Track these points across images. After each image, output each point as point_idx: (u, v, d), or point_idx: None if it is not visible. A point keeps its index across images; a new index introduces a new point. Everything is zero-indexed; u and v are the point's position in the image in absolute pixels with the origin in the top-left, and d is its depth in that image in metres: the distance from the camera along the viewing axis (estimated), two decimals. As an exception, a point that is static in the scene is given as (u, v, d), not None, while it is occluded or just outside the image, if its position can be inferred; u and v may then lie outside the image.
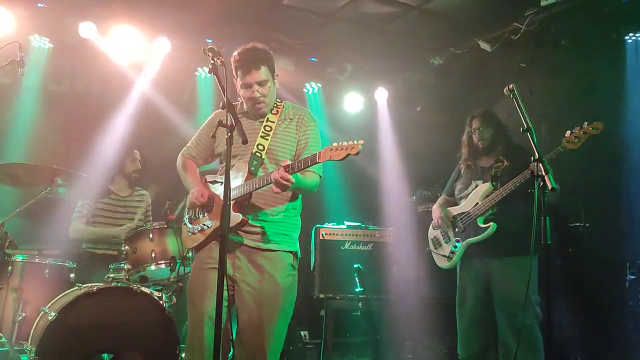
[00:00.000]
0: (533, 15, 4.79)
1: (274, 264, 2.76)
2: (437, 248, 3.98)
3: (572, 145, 3.37)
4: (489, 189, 3.68)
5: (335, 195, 6.09)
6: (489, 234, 3.63)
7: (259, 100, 2.84)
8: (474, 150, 3.90)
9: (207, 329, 2.66)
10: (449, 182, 4.13)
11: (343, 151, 2.46)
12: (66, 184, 3.77)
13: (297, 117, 2.92)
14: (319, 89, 6.30)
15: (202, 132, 3.06)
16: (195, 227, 2.86)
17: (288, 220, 2.86)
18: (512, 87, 2.96)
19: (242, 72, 2.82)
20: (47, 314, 3.30)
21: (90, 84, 5.68)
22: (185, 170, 3.04)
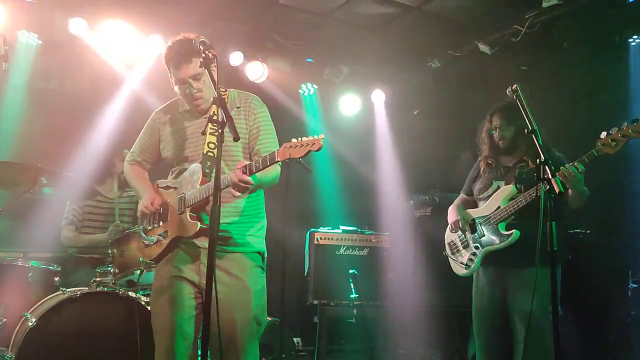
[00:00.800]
0: (534, 17, 4.73)
1: (241, 267, 2.61)
2: (455, 254, 3.65)
3: (608, 149, 3.06)
4: (513, 192, 3.39)
5: (331, 199, 6.01)
6: (511, 242, 3.34)
7: (195, 96, 2.64)
8: (495, 149, 3.59)
9: (179, 343, 2.54)
10: (467, 180, 3.82)
11: (303, 148, 2.28)
12: (51, 184, 3.66)
13: (244, 104, 2.72)
14: (315, 90, 6.22)
15: (144, 135, 2.89)
16: (151, 239, 2.70)
17: (251, 219, 2.70)
18: (515, 87, 2.86)
19: (173, 67, 2.63)
20: (28, 320, 3.19)
21: (80, 82, 5.56)
22: (134, 178, 2.86)
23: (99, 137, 5.02)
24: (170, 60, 2.64)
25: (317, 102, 6.22)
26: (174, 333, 2.54)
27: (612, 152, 3.07)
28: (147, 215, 2.70)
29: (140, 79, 5.27)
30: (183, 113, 2.77)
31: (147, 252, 2.73)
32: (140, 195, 2.77)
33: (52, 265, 3.74)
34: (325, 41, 5.72)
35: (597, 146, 3.09)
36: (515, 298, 3.33)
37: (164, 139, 2.79)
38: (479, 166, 3.71)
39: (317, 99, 6.22)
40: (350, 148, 6.08)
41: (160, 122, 2.83)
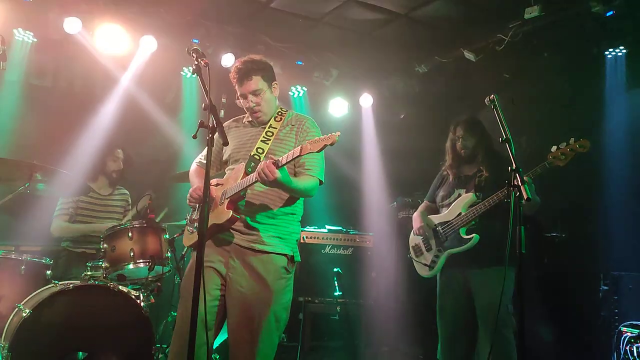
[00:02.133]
0: (517, 27, 4.87)
1: (266, 267, 2.76)
2: (419, 256, 3.89)
3: (558, 162, 3.32)
4: (472, 199, 3.63)
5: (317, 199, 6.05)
6: (471, 245, 3.58)
7: (254, 109, 2.92)
8: (457, 158, 3.83)
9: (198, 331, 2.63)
10: (431, 188, 4.06)
11: (320, 142, 2.52)
12: (45, 180, 3.73)
13: (299, 123, 2.98)
14: (305, 92, 6.32)
15: None
16: (193, 226, 2.90)
17: (283, 224, 2.86)
18: (492, 97, 2.99)
19: (237, 83, 2.92)
20: (21, 311, 3.26)
21: (74, 80, 5.62)
22: (192, 174, 3.12)
23: (92, 135, 5.10)
24: (235, 77, 2.92)
25: (306, 104, 6.32)
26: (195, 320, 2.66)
27: (562, 164, 3.32)
28: (192, 200, 2.89)
29: (133, 78, 5.35)
30: (246, 123, 3.04)
31: (189, 238, 2.92)
32: None
33: (44, 259, 3.80)
34: (316, 45, 5.83)
35: (549, 159, 3.35)
36: (477, 296, 3.56)
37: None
38: (442, 175, 3.95)
39: (306, 101, 6.33)
40: (337, 150, 6.11)
41: (227, 129, 3.03)
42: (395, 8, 5.09)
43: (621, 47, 4.69)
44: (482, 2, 4.88)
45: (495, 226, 3.50)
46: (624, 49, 4.70)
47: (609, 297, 4.40)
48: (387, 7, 5.07)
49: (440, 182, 3.97)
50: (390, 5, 5.06)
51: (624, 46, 4.68)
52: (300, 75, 6.13)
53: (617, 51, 4.73)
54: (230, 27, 5.47)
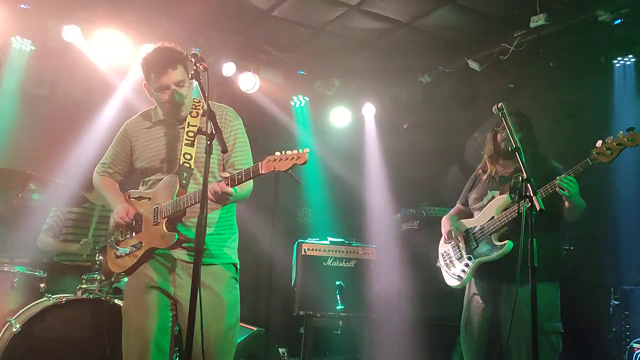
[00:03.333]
0: (522, 36, 4.81)
1: (216, 278, 2.61)
2: (448, 265, 3.54)
3: (603, 158, 2.98)
4: (507, 202, 3.27)
5: (319, 210, 6.04)
6: (504, 253, 3.21)
7: (178, 103, 2.62)
8: (497, 151, 3.47)
9: (154, 357, 2.52)
10: (464, 190, 3.71)
11: (288, 161, 2.30)
12: (40, 190, 3.64)
13: (220, 116, 2.68)
14: (307, 102, 6.27)
15: (117, 146, 2.85)
16: (124, 250, 2.67)
17: (224, 231, 2.71)
18: (501, 105, 2.89)
19: (156, 73, 2.59)
20: (12, 325, 3.17)
21: (72, 89, 5.56)
22: (105, 189, 2.83)
23: (88, 144, 5.02)
24: (153, 66, 2.60)
25: (308, 114, 6.27)
26: (148, 345, 2.51)
27: (606, 160, 2.99)
28: (121, 226, 2.67)
29: (131, 87, 5.28)
30: (157, 123, 2.75)
31: (120, 263, 2.69)
32: (112, 206, 2.73)
33: (38, 272, 3.71)
34: (318, 54, 5.77)
35: (592, 155, 3.03)
36: (507, 314, 3.13)
37: (137, 149, 2.76)
38: (477, 174, 3.63)
39: (308, 111, 6.27)
40: (339, 160, 6.12)
41: (133, 133, 2.79)
42: (399, 17, 5.04)
43: (630, 55, 4.62)
44: (487, 11, 4.83)
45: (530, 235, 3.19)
46: (633, 57, 4.62)
47: (619, 312, 4.29)
48: (390, 16, 5.02)
49: (473, 184, 3.63)
50: (394, 14, 5.01)
51: (632, 55, 4.61)
52: (302, 84, 6.08)
53: (625, 60, 4.66)
54: (231, 35, 5.42)
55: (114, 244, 2.73)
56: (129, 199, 2.76)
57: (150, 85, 2.66)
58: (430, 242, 3.86)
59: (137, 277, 2.65)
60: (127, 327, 2.62)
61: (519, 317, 2.95)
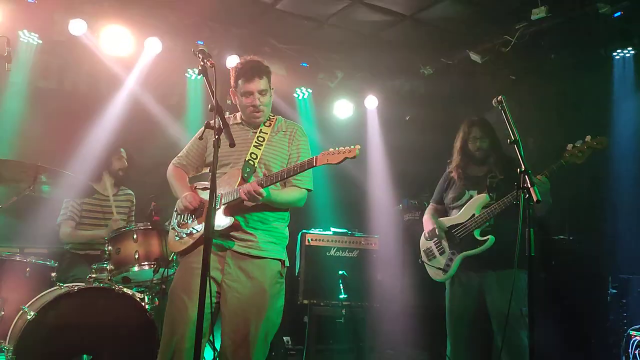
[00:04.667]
0: (523, 28, 4.84)
1: (262, 271, 2.76)
2: (431, 260, 3.81)
3: (575, 159, 3.28)
4: (486, 200, 3.56)
5: (322, 201, 6.08)
6: (487, 247, 3.51)
7: (259, 108, 2.88)
8: (468, 158, 3.77)
9: (191, 334, 2.61)
10: (438, 189, 3.99)
11: (340, 155, 2.54)
12: (50, 182, 3.72)
13: (290, 130, 2.98)
14: (310, 94, 6.31)
15: (193, 142, 3.09)
16: (184, 231, 2.87)
17: (277, 230, 2.88)
18: (500, 99, 2.95)
19: (245, 79, 2.86)
20: (26, 313, 3.25)
21: (79, 82, 5.64)
22: (175, 178, 3.04)
23: (96, 136, 5.10)
24: (244, 73, 2.86)
25: (311, 106, 6.31)
26: (187, 327, 2.64)
27: (579, 162, 3.28)
28: (188, 210, 2.85)
29: (138, 80, 5.34)
30: (234, 125, 2.96)
31: (178, 244, 2.87)
32: (179, 193, 2.94)
33: (49, 261, 3.81)
34: (321, 46, 5.81)
35: (565, 157, 3.30)
36: (492, 299, 3.48)
37: (209, 147, 2.94)
38: (450, 176, 3.87)
39: (311, 103, 6.31)
40: (342, 151, 6.16)
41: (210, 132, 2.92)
42: (401, 9, 5.07)
43: (629, 48, 4.66)
44: (488, 3, 4.85)
45: (510, 227, 3.36)
46: (632, 49, 4.66)
47: (617, 301, 4.36)
48: (392, 8, 5.05)
49: (448, 184, 3.90)
50: (396, 7, 5.04)
51: (632, 47, 4.65)
52: (305, 77, 6.12)
53: (625, 52, 4.70)
54: (235, 28, 5.46)
55: (176, 226, 2.92)
56: (194, 190, 2.97)
57: (237, 90, 2.91)
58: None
59: (188, 261, 2.80)
60: (171, 307, 2.76)
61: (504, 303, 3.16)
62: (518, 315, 3.26)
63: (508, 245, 3.30)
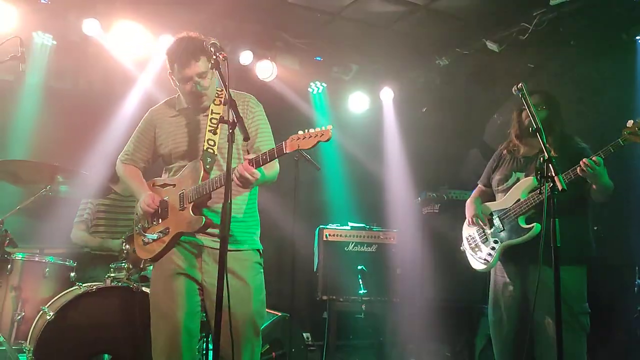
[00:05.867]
0: (541, 15, 4.74)
1: (242, 264, 2.66)
2: (474, 249, 3.52)
3: (636, 138, 2.90)
4: (533, 184, 3.21)
5: (339, 195, 6.07)
6: (531, 236, 3.19)
7: (201, 93, 2.68)
8: (521, 130, 3.39)
9: (184, 339, 2.58)
10: (486, 170, 3.65)
11: (312, 139, 2.31)
12: (67, 182, 3.73)
13: (242, 104, 2.75)
14: (324, 88, 6.27)
15: (140, 133, 2.91)
16: (152, 236, 2.72)
17: (249, 218, 2.76)
18: (521, 86, 2.86)
19: (179, 65, 2.63)
20: (45, 314, 3.27)
21: (93, 81, 5.67)
22: (129, 177, 2.88)
23: (111, 135, 5.11)
24: (177, 58, 2.64)
25: (326, 100, 6.27)
26: (179, 330, 2.58)
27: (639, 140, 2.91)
28: (148, 213, 2.71)
29: (151, 78, 5.35)
30: (181, 111, 2.80)
31: (148, 249, 2.74)
32: (137, 195, 2.79)
33: (68, 261, 3.82)
34: (334, 39, 5.75)
35: (624, 135, 2.94)
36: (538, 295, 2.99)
37: (160, 136, 2.81)
38: (501, 154, 3.57)
39: (326, 97, 6.27)
40: (358, 145, 6.13)
41: (157, 120, 2.85)
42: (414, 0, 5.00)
43: (652, 31, 4.53)
44: (505, -10, 4.77)
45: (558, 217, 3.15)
46: (655, 33, 4.53)
47: (645, 291, 4.27)
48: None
49: (497, 164, 3.56)
50: (410, -3, 4.97)
51: (655, 31, 4.52)
52: (319, 71, 6.08)
53: (648, 36, 4.57)
54: (248, 24, 5.44)
55: (141, 232, 2.79)
56: (154, 187, 2.82)
57: (174, 76, 2.71)
58: (451, 225, 3.87)
59: (164, 265, 2.70)
60: (156, 313, 2.67)
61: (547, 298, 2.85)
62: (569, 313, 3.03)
63: None
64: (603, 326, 4.39)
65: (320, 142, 2.30)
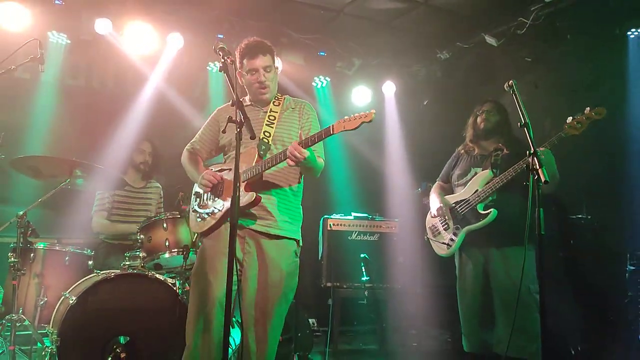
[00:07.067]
0: (538, 10, 4.84)
1: (279, 250, 2.90)
2: (436, 236, 3.93)
3: (574, 131, 3.36)
4: (489, 176, 3.67)
5: (343, 186, 6.20)
6: (489, 220, 3.59)
7: (265, 84, 2.98)
8: (477, 132, 3.90)
9: (218, 313, 2.79)
10: (445, 168, 4.13)
11: (357, 120, 2.63)
12: (84, 176, 3.90)
13: (299, 107, 3.10)
14: (328, 82, 6.40)
15: (206, 127, 3.20)
16: (205, 212, 2.97)
17: (294, 208, 3.01)
18: (511, 83, 3.03)
19: (249, 57, 2.96)
20: (67, 299, 3.47)
21: (105, 79, 5.85)
22: (190, 162, 3.16)
23: (124, 130, 5.31)
24: (247, 52, 2.96)
25: (330, 94, 6.41)
26: (214, 304, 2.80)
27: (577, 132, 3.36)
28: (209, 187, 2.95)
29: (161, 75, 5.52)
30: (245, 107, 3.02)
31: (200, 225, 2.98)
32: (196, 177, 3.05)
33: (86, 250, 4.02)
34: (338, 35, 5.88)
35: (565, 129, 3.38)
36: (496, 276, 3.59)
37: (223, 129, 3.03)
38: (459, 154, 4.01)
39: (330, 91, 6.41)
40: (361, 138, 6.25)
41: (221, 116, 3.11)
42: (415, -4, 5.12)
43: (644, 26, 4.63)
44: (503, -14, 4.88)
45: (514, 203, 3.52)
46: (647, 28, 4.63)
47: (635, 278, 4.40)
48: (406, -5, 5.11)
49: (456, 162, 4.03)
50: (410, -6, 5.09)
51: (646, 26, 4.62)
52: (323, 66, 6.21)
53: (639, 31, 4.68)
54: (254, 21, 5.56)
55: (197, 208, 3.03)
56: None
57: (243, 69, 3.01)
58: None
59: (210, 241, 2.94)
60: (196, 286, 2.90)
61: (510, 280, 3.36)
62: (526, 293, 3.33)
63: (512, 221, 3.47)
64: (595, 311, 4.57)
65: (364, 122, 2.61)
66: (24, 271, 3.66)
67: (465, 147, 3.99)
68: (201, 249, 3.02)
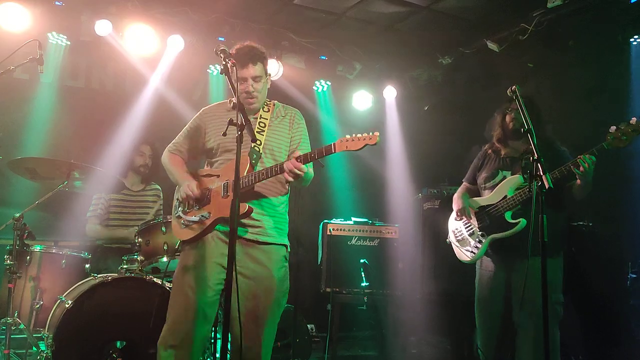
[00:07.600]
0: (540, 16, 4.83)
1: (269, 257, 2.87)
2: (460, 241, 3.69)
3: (618, 143, 3.10)
4: (519, 182, 3.41)
5: (343, 191, 6.18)
6: (518, 230, 3.36)
7: (252, 94, 2.91)
8: (506, 132, 3.60)
9: (199, 323, 2.75)
10: (471, 169, 3.85)
11: (360, 141, 2.59)
12: (82, 178, 3.87)
13: (289, 115, 3.05)
14: (329, 86, 6.40)
15: (190, 128, 3.10)
16: (191, 219, 2.88)
17: (281, 216, 2.97)
18: (514, 88, 3.02)
19: (239, 66, 2.86)
20: (63, 302, 3.43)
21: (105, 81, 5.83)
22: (172, 165, 3.07)
23: (124, 133, 5.28)
24: (238, 59, 2.84)
25: (331, 98, 6.40)
26: (195, 313, 2.75)
27: (622, 145, 3.10)
28: (190, 199, 2.88)
29: (161, 77, 5.50)
30: (231, 111, 2.98)
31: (186, 232, 2.90)
32: (179, 181, 2.96)
33: (83, 253, 3.99)
34: (339, 39, 5.88)
35: (607, 140, 3.12)
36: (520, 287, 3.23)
37: (209, 131, 3.01)
38: (485, 154, 3.75)
39: (331, 95, 6.40)
40: (361, 143, 6.23)
41: (207, 117, 3.05)
42: (417, 1, 5.10)
43: (646, 33, 4.62)
44: (505, -8, 4.87)
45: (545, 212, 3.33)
46: (650, 35, 4.62)
47: (637, 286, 4.37)
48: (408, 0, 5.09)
49: (482, 163, 3.76)
50: (412, -2, 5.08)
51: (649, 32, 4.61)
52: (324, 70, 6.19)
53: (642, 38, 4.67)
54: (255, 24, 5.56)
55: (181, 214, 2.94)
56: (198, 176, 3.00)
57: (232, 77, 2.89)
58: (451, 220, 3.97)
59: (193, 249, 2.87)
60: (176, 292, 2.84)
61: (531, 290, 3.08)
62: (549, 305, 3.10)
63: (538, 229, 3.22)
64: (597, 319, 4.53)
65: (367, 144, 2.57)
66: (20, 274, 3.64)
67: (492, 147, 3.70)
68: (183, 256, 2.93)
